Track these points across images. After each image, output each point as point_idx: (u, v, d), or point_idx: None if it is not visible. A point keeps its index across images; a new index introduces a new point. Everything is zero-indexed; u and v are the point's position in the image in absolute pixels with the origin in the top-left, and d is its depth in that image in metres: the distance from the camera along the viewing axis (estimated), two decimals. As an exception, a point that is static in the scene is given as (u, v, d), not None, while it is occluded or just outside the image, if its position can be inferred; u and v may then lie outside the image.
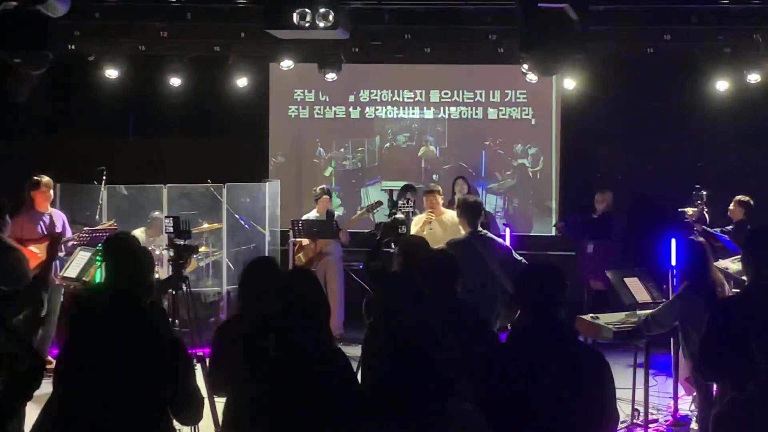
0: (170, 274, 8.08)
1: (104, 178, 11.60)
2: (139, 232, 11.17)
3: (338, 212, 12.81)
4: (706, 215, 10.39)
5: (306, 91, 14.20)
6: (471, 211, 8.23)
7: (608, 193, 12.24)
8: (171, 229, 8.17)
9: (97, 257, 9.43)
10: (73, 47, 11.49)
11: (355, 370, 4.69)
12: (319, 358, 4.38)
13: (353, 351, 6.43)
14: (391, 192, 11.28)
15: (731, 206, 10.89)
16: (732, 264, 9.25)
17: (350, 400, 4.28)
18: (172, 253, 8.07)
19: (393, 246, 9.70)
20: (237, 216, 12.20)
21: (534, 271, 4.65)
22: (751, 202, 10.82)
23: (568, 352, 4.39)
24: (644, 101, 13.08)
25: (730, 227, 10.68)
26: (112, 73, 12.12)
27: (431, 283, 5.51)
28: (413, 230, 9.86)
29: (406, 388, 4.07)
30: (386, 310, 6.43)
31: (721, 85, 12.11)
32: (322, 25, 8.32)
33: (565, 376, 4.27)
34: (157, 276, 8.14)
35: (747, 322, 4.94)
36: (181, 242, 8.08)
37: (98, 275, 9.48)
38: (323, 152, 14.27)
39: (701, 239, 8.76)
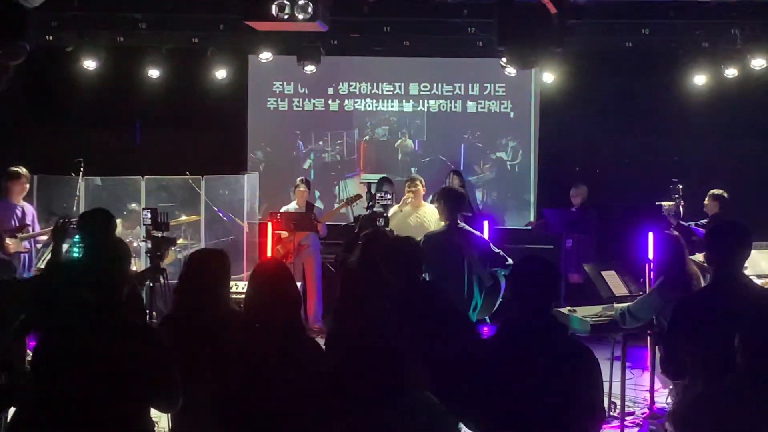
0: (147, 266, 8.04)
1: (81, 169, 11.56)
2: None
3: (317, 205, 12.78)
4: (682, 209, 10.44)
5: (285, 83, 14.17)
6: (452, 201, 8.13)
7: (583, 188, 12.30)
8: (149, 221, 8.14)
9: (74, 249, 9.39)
10: (50, 38, 11.46)
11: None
12: (292, 348, 4.42)
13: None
14: (369, 185, 11.28)
15: (706, 200, 10.95)
16: (708, 257, 9.30)
17: (322, 391, 4.31)
18: (149, 246, 8.05)
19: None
20: (215, 208, 12.17)
21: (529, 264, 4.59)
22: (726, 196, 10.87)
23: (559, 347, 4.40)
24: (623, 95, 13.12)
25: (704, 221, 10.74)
26: (90, 64, 12.08)
27: (393, 272, 5.49)
28: (391, 222, 9.87)
29: (367, 382, 4.06)
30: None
31: (699, 80, 12.18)
32: (301, 16, 8.29)
33: (554, 371, 4.28)
34: (134, 268, 8.14)
35: (711, 317, 4.97)
36: (159, 234, 8.06)
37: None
38: (302, 145, 14.24)
39: (677, 233, 8.81)
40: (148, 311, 8.01)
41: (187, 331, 4.97)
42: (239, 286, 9.31)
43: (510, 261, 7.74)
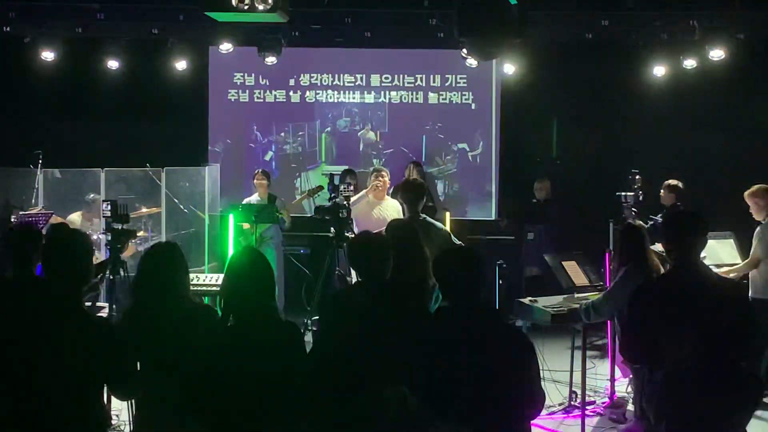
0: (106, 258, 8.00)
1: (40, 161, 11.46)
2: (75, 216, 11.04)
3: (283, 199, 12.72)
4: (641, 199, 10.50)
5: (246, 74, 14.10)
6: (413, 191, 8.19)
7: (547, 181, 12.35)
8: (108, 214, 8.09)
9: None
10: (8, 29, 11.34)
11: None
12: (271, 330, 4.44)
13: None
14: (331, 176, 11.25)
15: (662, 192, 11.02)
16: (667, 247, 9.38)
17: (300, 373, 4.33)
18: (109, 238, 8.01)
19: (332, 230, 9.72)
20: (176, 200, 12.10)
21: (447, 256, 4.72)
22: (681, 186, 10.96)
23: (491, 333, 4.43)
24: (583, 86, 13.17)
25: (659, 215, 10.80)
26: (48, 55, 11.97)
27: (360, 269, 5.49)
28: (355, 209, 9.90)
29: (340, 374, 4.08)
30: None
31: (658, 71, 12.26)
32: (261, 7, 8.24)
33: (489, 356, 4.32)
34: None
35: (668, 303, 5.02)
36: (119, 226, 8.02)
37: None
38: (261, 136, 14.19)
39: (639, 223, 8.89)
40: (107, 303, 7.99)
41: (149, 323, 4.97)
42: (200, 278, 9.32)
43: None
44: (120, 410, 7.54)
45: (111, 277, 7.87)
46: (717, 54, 11.10)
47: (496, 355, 4.34)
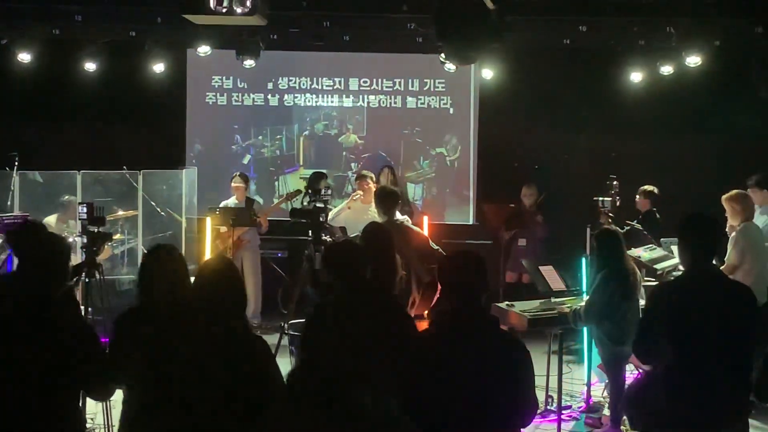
0: (82, 260, 7.94)
1: (16, 164, 11.40)
2: (51, 219, 10.99)
3: (260, 200, 12.70)
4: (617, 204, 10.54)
5: (224, 77, 14.09)
6: (387, 199, 8.22)
7: (534, 186, 12.35)
8: (84, 216, 8.04)
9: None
10: (-16, 31, 11.27)
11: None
12: (238, 344, 4.41)
13: (271, 339, 6.42)
14: (309, 179, 11.24)
15: (637, 197, 11.08)
16: (644, 252, 9.43)
17: (269, 388, 4.29)
18: (85, 240, 7.96)
19: (310, 234, 9.69)
20: (153, 203, 12.06)
21: (456, 258, 4.63)
22: (656, 192, 11.01)
23: (490, 340, 4.42)
24: (561, 92, 13.20)
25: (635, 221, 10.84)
26: (25, 57, 11.90)
27: (336, 273, 5.48)
28: (344, 221, 9.93)
29: (315, 381, 4.06)
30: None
31: (635, 77, 12.30)
32: (239, 10, 8.23)
33: (487, 363, 4.30)
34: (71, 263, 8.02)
35: (680, 306, 5.01)
36: (95, 229, 7.97)
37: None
38: (240, 139, 14.17)
39: (614, 228, 8.92)
40: (83, 306, 7.93)
41: (149, 325, 4.91)
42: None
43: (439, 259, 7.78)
44: (95, 413, 7.51)
45: (87, 280, 7.82)
46: (693, 60, 11.16)
47: (493, 362, 4.32)
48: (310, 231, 9.63)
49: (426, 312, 8.51)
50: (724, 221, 9.31)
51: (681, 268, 9.02)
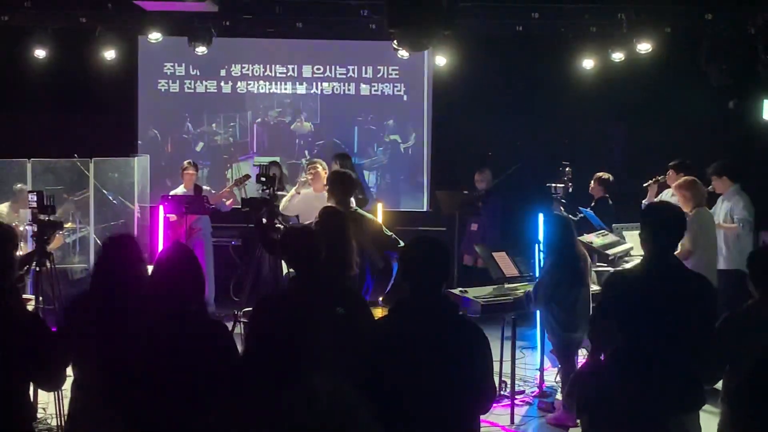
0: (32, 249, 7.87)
1: (-35, 152, 11.25)
2: (3, 207, 10.86)
3: (207, 187, 12.61)
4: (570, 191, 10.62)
5: (176, 64, 13.98)
6: (342, 184, 8.12)
7: (487, 171, 12.38)
8: (35, 205, 7.96)
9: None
10: (-71, 17, 11.10)
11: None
12: (198, 329, 4.39)
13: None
14: (261, 167, 11.17)
15: (591, 184, 11.16)
16: (596, 238, 9.52)
17: (229, 372, 4.28)
18: (35, 229, 7.88)
19: (264, 220, 9.63)
20: (104, 191, 11.95)
21: (419, 245, 4.59)
22: (611, 179, 11.10)
23: (450, 326, 4.41)
24: (514, 78, 13.26)
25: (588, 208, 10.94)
26: (-28, 43, 11.74)
27: (291, 260, 5.48)
28: (296, 206, 9.89)
29: (271, 364, 4.05)
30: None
31: (587, 63, 12.40)
32: (190, -4, 8.20)
33: (446, 349, 4.30)
34: (19, 252, 7.94)
35: (635, 293, 5.03)
36: (45, 218, 7.89)
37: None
38: (191, 127, 14.08)
39: (564, 214, 9.00)
40: (34, 295, 7.86)
41: (102, 313, 4.87)
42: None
43: (402, 244, 7.77)
44: (47, 403, 7.45)
45: (37, 269, 7.74)
46: (644, 47, 11.25)
47: (453, 349, 4.32)
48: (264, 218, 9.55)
49: (381, 298, 8.55)
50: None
51: (632, 254, 9.23)
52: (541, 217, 9.26)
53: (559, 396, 8.48)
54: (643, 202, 10.23)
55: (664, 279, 5.08)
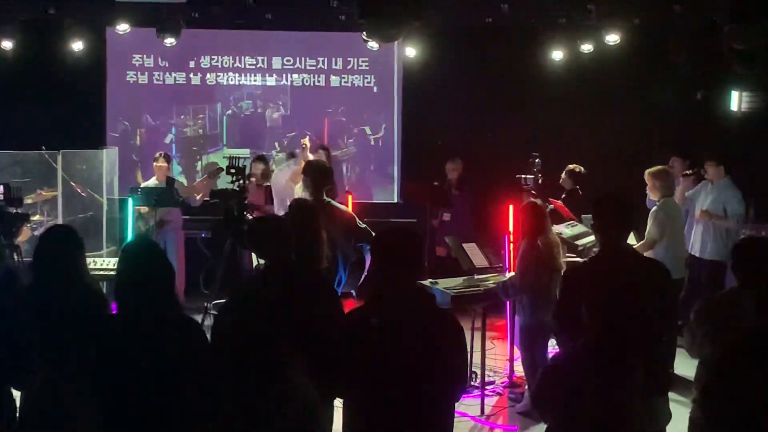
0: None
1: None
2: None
3: (180, 180, 12.55)
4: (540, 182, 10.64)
5: (145, 56, 13.88)
6: (318, 175, 8.09)
7: (458, 161, 12.39)
8: (1, 197, 7.91)
9: None
10: None
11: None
12: (169, 326, 4.36)
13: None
14: (231, 159, 11.13)
15: (562, 176, 11.19)
16: (566, 229, 9.56)
17: (203, 370, 4.25)
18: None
19: (234, 212, 9.61)
20: (73, 184, 11.86)
21: (391, 235, 4.59)
22: (582, 171, 11.13)
23: (425, 315, 4.42)
24: (484, 70, 13.29)
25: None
26: (-63, 35, 11.61)
27: (260, 251, 5.46)
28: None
29: (243, 363, 4.03)
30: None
31: (557, 55, 12.44)
32: (159, -13, 8.15)
33: (421, 339, 4.30)
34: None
35: (595, 283, 5.08)
36: (12, 210, 7.84)
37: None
38: (161, 119, 14.00)
39: (540, 201, 9.05)
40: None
41: (47, 306, 4.87)
42: (98, 263, 9.20)
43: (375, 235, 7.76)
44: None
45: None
46: (613, 38, 11.32)
47: (428, 339, 4.32)
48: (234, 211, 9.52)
49: (353, 291, 8.54)
50: (644, 197, 9.51)
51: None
52: (511, 208, 9.31)
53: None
54: (676, 192, 10.12)
55: (619, 268, 5.20)
